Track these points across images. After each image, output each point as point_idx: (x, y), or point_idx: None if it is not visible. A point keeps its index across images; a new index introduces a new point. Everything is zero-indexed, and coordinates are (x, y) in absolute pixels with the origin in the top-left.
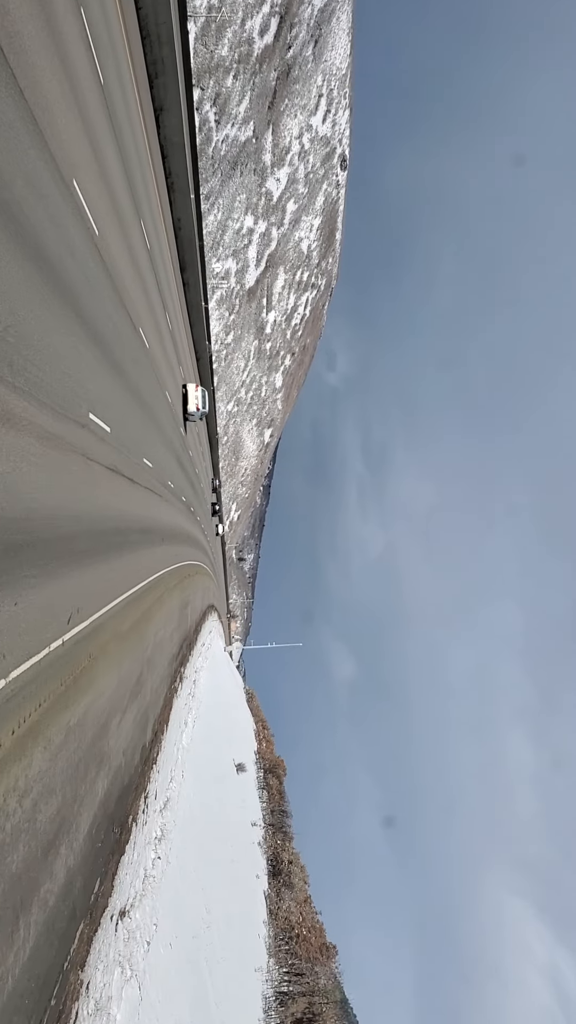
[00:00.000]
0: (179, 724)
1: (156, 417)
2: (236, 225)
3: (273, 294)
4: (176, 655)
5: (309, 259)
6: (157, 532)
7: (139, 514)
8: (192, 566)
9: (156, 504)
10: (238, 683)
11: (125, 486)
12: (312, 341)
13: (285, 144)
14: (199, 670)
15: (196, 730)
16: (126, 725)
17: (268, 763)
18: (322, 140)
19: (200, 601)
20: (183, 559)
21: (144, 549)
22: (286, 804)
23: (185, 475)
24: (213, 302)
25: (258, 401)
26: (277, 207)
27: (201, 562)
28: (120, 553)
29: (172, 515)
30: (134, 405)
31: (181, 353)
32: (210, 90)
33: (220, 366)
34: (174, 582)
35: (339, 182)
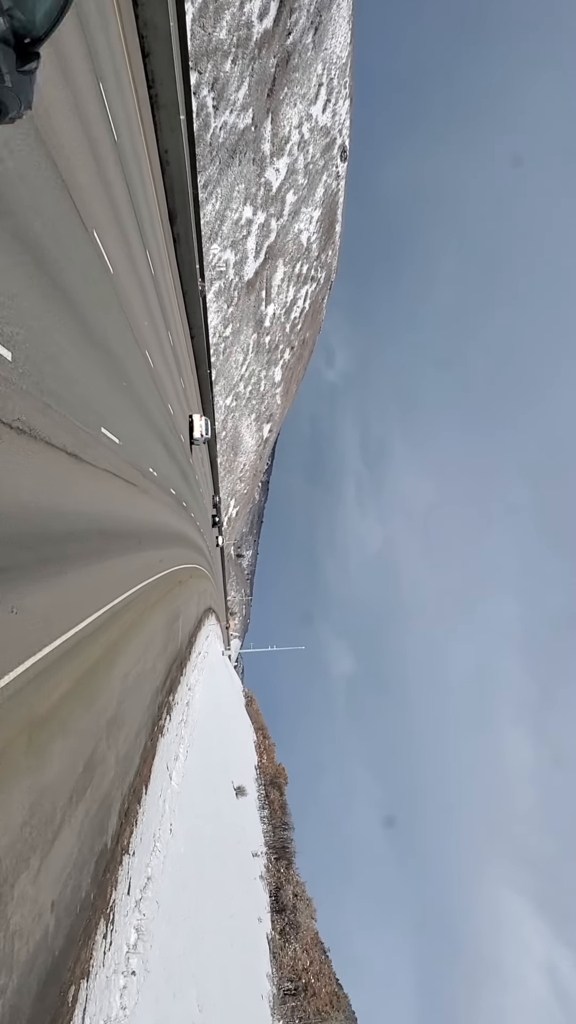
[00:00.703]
0: (166, 767)
1: (162, 432)
2: (235, 215)
3: (272, 287)
4: (161, 685)
5: (309, 251)
6: (159, 535)
7: (140, 518)
8: (189, 569)
9: (159, 509)
10: (237, 688)
11: (129, 491)
12: (311, 335)
13: (284, 134)
14: (193, 687)
15: (189, 762)
16: (62, 850)
17: (269, 776)
18: (322, 130)
19: (195, 608)
20: (181, 562)
21: (144, 552)
22: (288, 816)
23: (187, 485)
24: (211, 294)
25: (257, 396)
26: (276, 198)
27: (199, 565)
28: (118, 555)
29: (173, 519)
30: (143, 423)
31: (182, 366)
32: (208, 74)
33: (218, 360)
34: (165, 589)
35: (339, 173)
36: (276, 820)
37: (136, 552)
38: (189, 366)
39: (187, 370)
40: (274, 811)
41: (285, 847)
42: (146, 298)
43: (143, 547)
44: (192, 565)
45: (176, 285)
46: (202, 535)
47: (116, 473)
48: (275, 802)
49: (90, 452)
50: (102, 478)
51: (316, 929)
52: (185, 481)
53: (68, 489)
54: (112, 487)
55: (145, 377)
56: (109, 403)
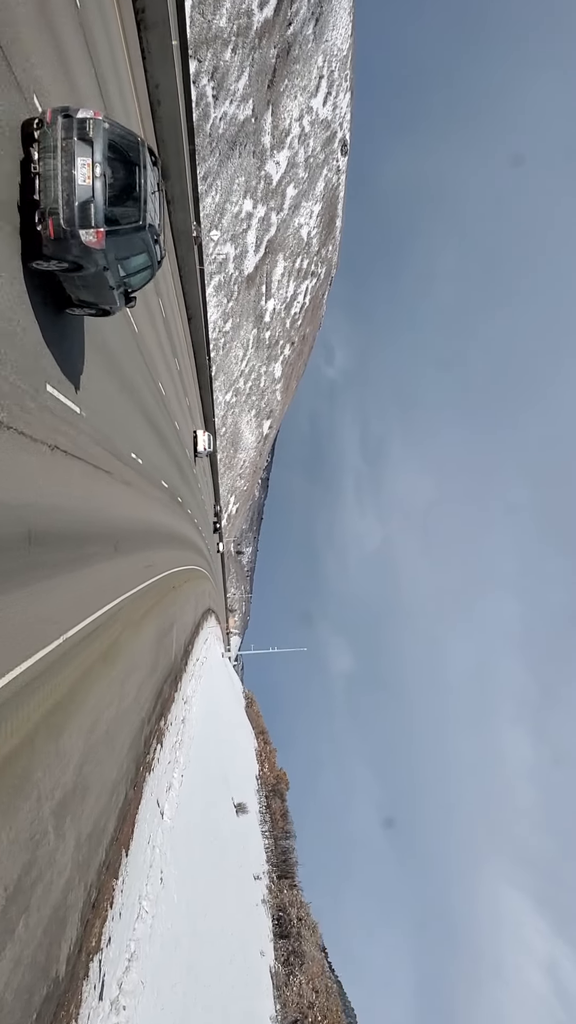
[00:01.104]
0: (156, 803)
1: (172, 451)
2: (235, 209)
3: (272, 281)
4: (149, 715)
5: (309, 246)
6: (162, 535)
7: (144, 519)
8: (188, 571)
9: (162, 512)
10: (237, 691)
11: (134, 496)
12: (312, 331)
13: (285, 126)
14: (190, 699)
15: (185, 787)
16: None
17: (270, 785)
18: (323, 123)
19: (191, 614)
20: (182, 563)
21: (150, 551)
22: (289, 823)
23: (191, 492)
24: (211, 288)
25: (257, 392)
26: (276, 191)
27: (199, 566)
28: (124, 555)
29: (175, 521)
30: (159, 446)
31: (187, 385)
32: (207, 63)
33: (218, 355)
34: (158, 595)
35: (340, 168)
36: (278, 831)
37: (139, 552)
38: (192, 383)
39: (191, 388)
40: (275, 822)
41: (287, 858)
42: (156, 332)
43: (148, 547)
44: (191, 567)
45: (181, 307)
46: (202, 536)
47: (132, 483)
48: (276, 812)
49: (119, 469)
50: (120, 488)
51: (323, 953)
52: (188, 487)
53: (91, 497)
54: (129, 497)
55: (159, 404)
56: (136, 433)
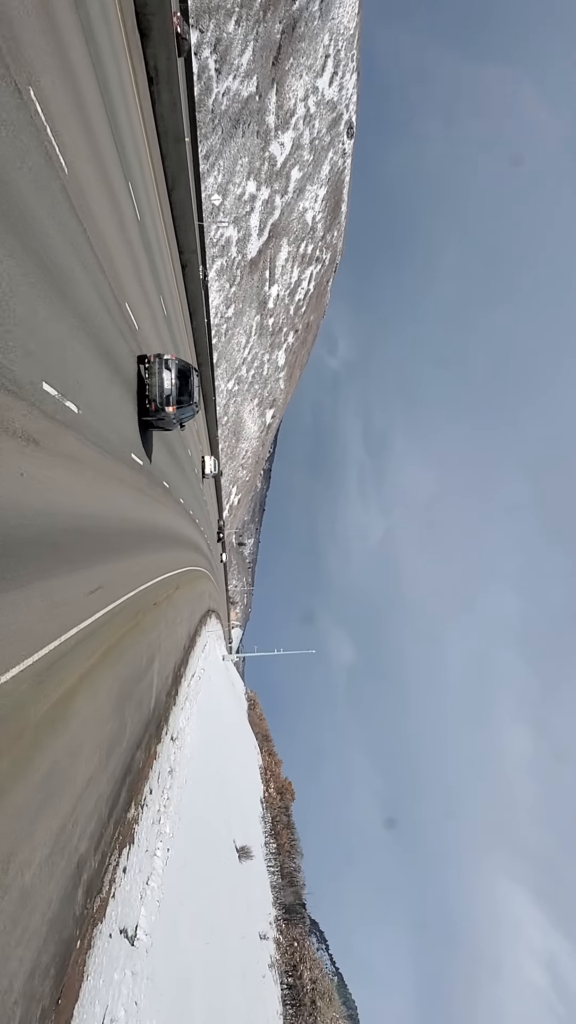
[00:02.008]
0: (124, 930)
1: (188, 477)
2: (238, 190)
3: (276, 267)
4: (114, 797)
5: (314, 231)
6: (169, 537)
7: (148, 520)
8: (185, 573)
9: (173, 517)
10: (238, 696)
11: (142, 500)
12: (316, 319)
13: (290, 106)
14: (183, 732)
15: (173, 851)
16: None
17: (276, 806)
18: (328, 104)
19: (183, 629)
20: (186, 564)
21: (162, 551)
22: (295, 838)
23: (195, 498)
24: (213, 272)
25: (260, 380)
26: (281, 173)
27: (199, 566)
28: (130, 554)
29: (182, 524)
30: (181, 475)
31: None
32: (210, 34)
33: (220, 341)
34: (142, 609)
35: (345, 151)
36: (284, 855)
37: (141, 551)
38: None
39: (200, 419)
40: (281, 845)
41: (293, 881)
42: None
43: (152, 546)
44: (193, 568)
45: (184, 310)
46: (203, 536)
47: (133, 484)
48: (281, 828)
49: (120, 470)
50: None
51: None
52: (196, 502)
53: (97, 497)
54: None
55: (188, 458)
56: (172, 472)
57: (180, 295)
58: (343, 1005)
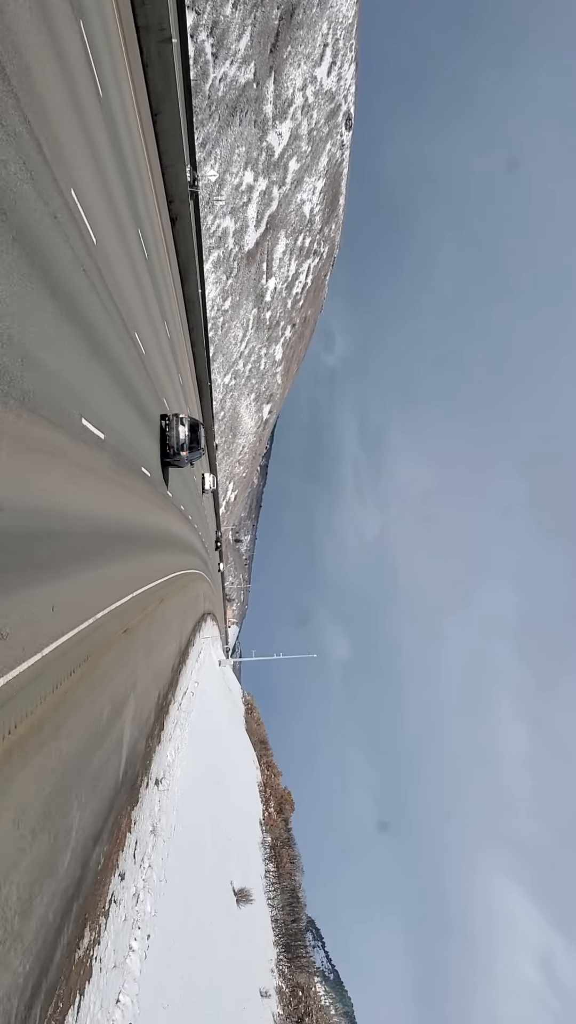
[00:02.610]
0: (116, 964)
1: (194, 496)
2: (235, 180)
3: (273, 259)
4: (72, 892)
5: (312, 224)
6: (171, 541)
7: (154, 524)
8: (187, 576)
9: (173, 522)
10: (235, 704)
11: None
12: (313, 313)
13: (288, 96)
14: (170, 769)
15: (161, 919)
16: None
17: (277, 830)
18: (327, 95)
19: (173, 645)
20: (183, 568)
21: (165, 553)
22: (295, 854)
23: (195, 507)
24: (209, 263)
25: (257, 374)
26: (279, 164)
27: (197, 569)
28: (131, 556)
29: (182, 529)
30: (190, 496)
31: None
32: (206, 16)
33: (217, 335)
34: (145, 610)
35: (344, 143)
36: (285, 880)
37: (141, 552)
38: None
39: None
40: (282, 870)
41: (295, 899)
42: (167, 367)
43: (155, 549)
44: (188, 572)
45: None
46: (200, 539)
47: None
48: (282, 853)
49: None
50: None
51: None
52: (197, 512)
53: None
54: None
55: (198, 484)
56: (183, 493)
57: (180, 307)
58: (339, 1002)
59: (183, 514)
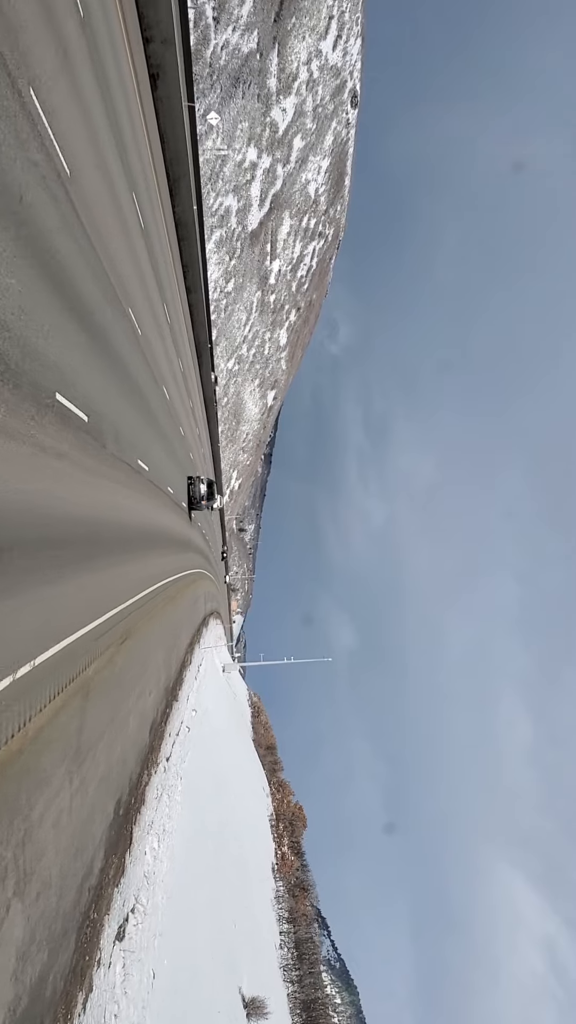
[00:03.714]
0: None
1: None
2: (238, 157)
3: (278, 240)
4: None
5: (317, 205)
6: (164, 537)
7: (157, 522)
8: (187, 577)
9: (166, 514)
10: (241, 715)
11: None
12: (318, 297)
13: (292, 69)
14: (159, 857)
15: None
16: None
17: (291, 872)
18: (332, 70)
19: (163, 673)
20: (191, 566)
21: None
22: (310, 893)
23: (207, 522)
24: (211, 243)
25: (261, 359)
26: (283, 142)
27: (201, 568)
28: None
29: (191, 533)
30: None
31: (201, 437)
32: None
33: (220, 318)
34: (138, 622)
35: (349, 121)
36: (300, 923)
37: (142, 553)
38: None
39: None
40: (298, 917)
41: (311, 956)
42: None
43: (155, 549)
44: (193, 570)
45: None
46: (206, 541)
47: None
48: (298, 898)
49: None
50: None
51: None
52: (206, 521)
53: None
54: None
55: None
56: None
57: (182, 297)
58: (345, 992)
59: (199, 529)
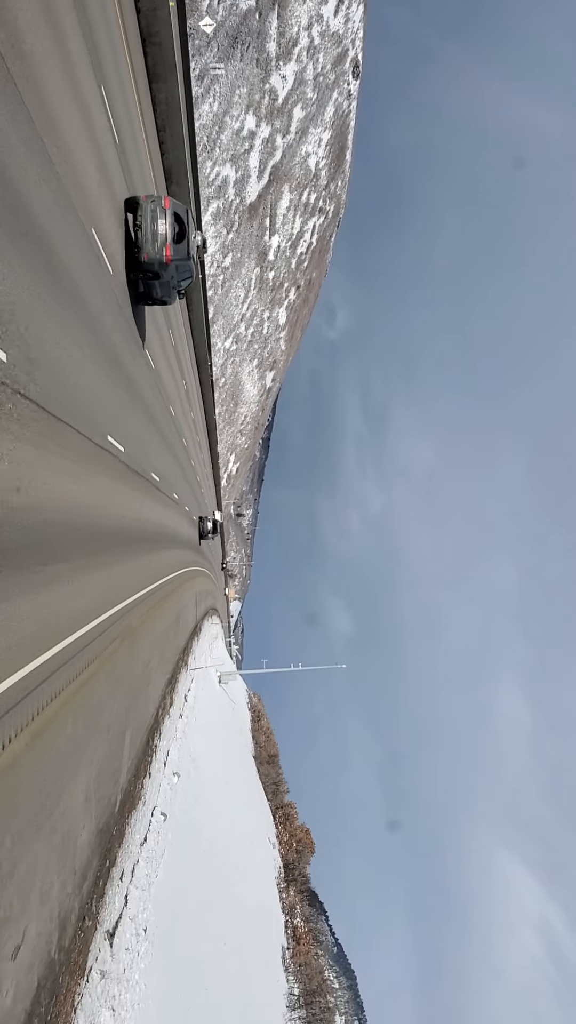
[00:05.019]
0: None
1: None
2: (235, 124)
3: (277, 215)
4: None
5: (317, 179)
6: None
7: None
8: (180, 580)
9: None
10: (241, 727)
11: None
12: (318, 277)
13: (292, 34)
14: (133, 961)
15: None
16: None
17: (313, 979)
18: (333, 37)
19: (154, 701)
20: (185, 565)
21: None
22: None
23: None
24: (208, 215)
25: (259, 339)
26: (283, 111)
27: (199, 566)
28: None
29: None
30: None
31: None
32: None
33: (217, 294)
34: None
35: (351, 92)
36: (314, 985)
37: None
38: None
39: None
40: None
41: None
42: None
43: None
44: (192, 568)
45: None
46: (208, 558)
47: None
48: (313, 977)
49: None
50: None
51: None
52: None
53: None
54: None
55: None
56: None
57: None
58: (343, 976)
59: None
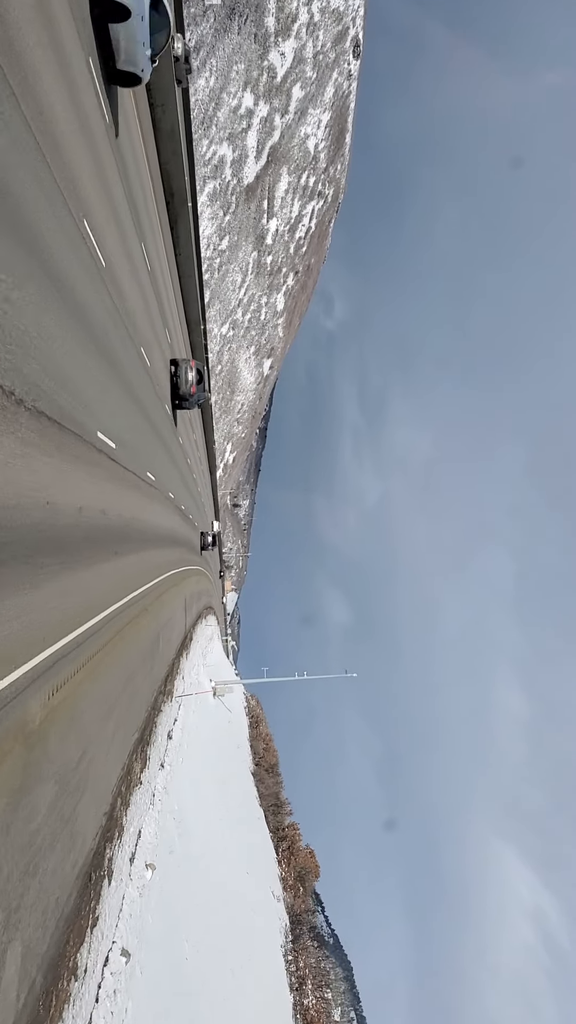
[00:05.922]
0: None
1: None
2: (233, 101)
3: (275, 198)
4: None
5: (316, 161)
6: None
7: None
8: (190, 571)
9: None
10: (240, 748)
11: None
12: (317, 262)
13: (291, 9)
14: None
15: None
16: None
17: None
18: (334, 15)
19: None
20: (193, 564)
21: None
22: None
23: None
24: (204, 196)
25: (257, 325)
26: (281, 89)
27: (194, 566)
28: None
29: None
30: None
31: None
32: None
33: (213, 278)
34: None
35: (351, 72)
36: None
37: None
38: None
39: None
40: None
41: None
42: None
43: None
44: (194, 566)
45: None
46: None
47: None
48: None
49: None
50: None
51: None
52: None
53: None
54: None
55: None
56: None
57: None
58: (339, 967)
59: None
